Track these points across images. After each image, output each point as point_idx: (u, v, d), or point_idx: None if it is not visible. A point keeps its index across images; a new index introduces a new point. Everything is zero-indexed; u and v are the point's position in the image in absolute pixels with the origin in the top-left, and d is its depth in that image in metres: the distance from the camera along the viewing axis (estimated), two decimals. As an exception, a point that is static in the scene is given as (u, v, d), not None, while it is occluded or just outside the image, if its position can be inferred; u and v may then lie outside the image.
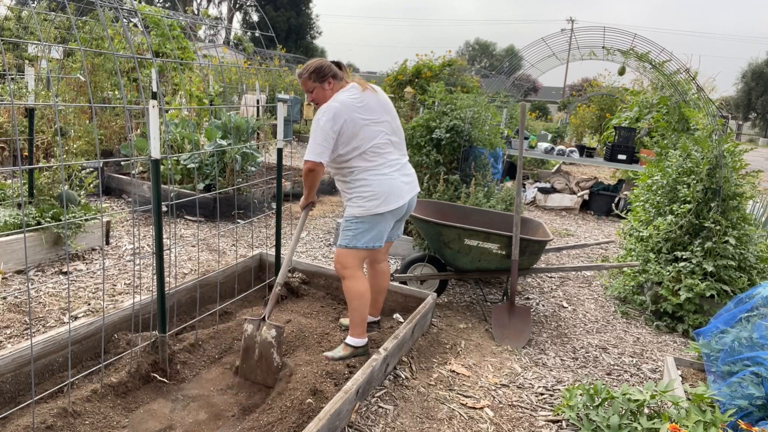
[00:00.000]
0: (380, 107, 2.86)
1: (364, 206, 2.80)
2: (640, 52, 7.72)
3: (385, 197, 2.80)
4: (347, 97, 2.78)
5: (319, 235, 5.63)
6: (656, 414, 2.30)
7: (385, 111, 2.89)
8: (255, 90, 10.43)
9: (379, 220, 2.83)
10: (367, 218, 2.81)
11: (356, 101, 2.77)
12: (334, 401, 2.24)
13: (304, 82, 2.90)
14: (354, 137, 2.75)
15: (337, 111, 2.70)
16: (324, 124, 2.69)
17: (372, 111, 2.81)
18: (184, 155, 5.07)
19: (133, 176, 6.35)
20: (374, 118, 2.81)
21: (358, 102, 2.77)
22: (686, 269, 3.96)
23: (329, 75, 2.84)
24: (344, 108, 2.72)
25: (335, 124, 2.69)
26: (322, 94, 2.86)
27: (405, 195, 2.88)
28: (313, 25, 48.18)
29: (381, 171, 2.81)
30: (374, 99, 2.85)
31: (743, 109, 46.86)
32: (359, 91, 2.82)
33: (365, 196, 2.80)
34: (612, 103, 12.77)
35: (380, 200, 2.79)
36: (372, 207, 2.79)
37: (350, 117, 2.72)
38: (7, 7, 10.13)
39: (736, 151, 4.27)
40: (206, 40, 28.54)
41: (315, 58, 3.52)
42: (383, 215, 2.82)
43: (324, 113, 2.71)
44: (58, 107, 6.12)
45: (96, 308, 3.40)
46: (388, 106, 2.93)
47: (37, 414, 2.15)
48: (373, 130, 2.79)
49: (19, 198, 4.40)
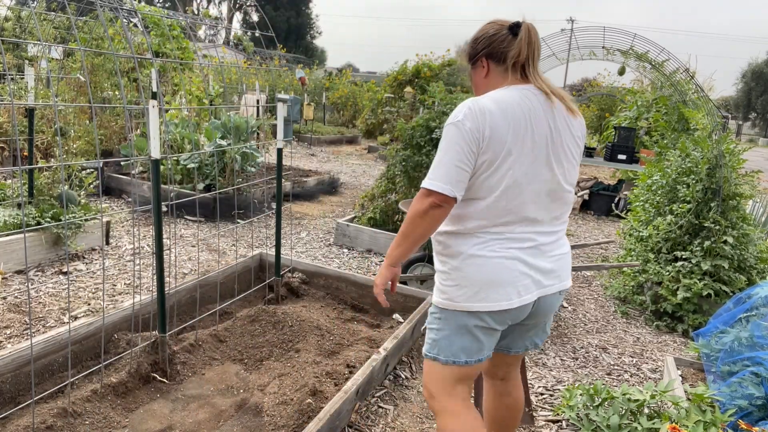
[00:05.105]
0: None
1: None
2: (639, 52, 7.72)
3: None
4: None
5: (319, 235, 5.63)
6: (656, 414, 2.30)
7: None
8: (255, 90, 10.43)
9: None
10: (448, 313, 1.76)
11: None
12: (334, 401, 2.24)
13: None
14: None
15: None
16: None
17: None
18: (184, 155, 5.07)
19: (133, 176, 6.35)
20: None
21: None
22: (686, 269, 3.96)
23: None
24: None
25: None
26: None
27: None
28: (313, 25, 48.16)
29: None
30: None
31: (743, 109, 46.85)
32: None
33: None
34: (612, 103, 12.77)
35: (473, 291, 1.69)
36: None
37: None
38: (7, 7, 10.13)
39: (736, 151, 4.28)
40: (206, 40, 28.54)
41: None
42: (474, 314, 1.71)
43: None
44: (58, 107, 6.12)
45: (96, 308, 3.40)
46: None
47: (37, 414, 2.15)
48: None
49: (19, 198, 4.40)
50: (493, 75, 1.74)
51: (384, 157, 10.09)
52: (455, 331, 1.73)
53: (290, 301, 3.62)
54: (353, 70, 33.49)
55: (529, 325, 1.84)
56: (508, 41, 1.68)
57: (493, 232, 1.67)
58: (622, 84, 11.19)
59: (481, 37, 1.74)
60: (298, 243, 5.32)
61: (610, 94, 13.32)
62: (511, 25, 1.69)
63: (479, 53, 1.74)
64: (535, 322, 1.84)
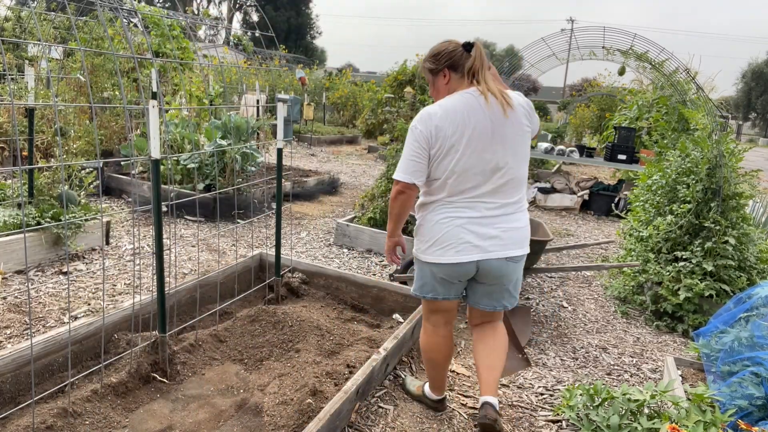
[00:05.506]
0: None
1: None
2: (639, 52, 7.72)
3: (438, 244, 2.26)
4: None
5: (319, 235, 5.63)
6: (656, 414, 2.30)
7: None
8: (255, 90, 10.43)
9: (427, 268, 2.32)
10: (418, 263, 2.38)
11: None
12: (334, 401, 2.24)
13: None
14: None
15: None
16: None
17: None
18: (184, 155, 5.07)
19: (133, 176, 6.35)
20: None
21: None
22: (686, 269, 3.96)
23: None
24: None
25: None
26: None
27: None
28: (313, 25, 48.17)
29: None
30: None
31: (743, 109, 46.85)
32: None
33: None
34: (612, 103, 12.77)
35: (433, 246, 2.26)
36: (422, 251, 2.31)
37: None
38: (7, 7, 10.13)
39: (736, 151, 4.28)
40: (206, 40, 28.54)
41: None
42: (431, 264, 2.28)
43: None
44: (58, 107, 6.12)
45: (96, 308, 3.40)
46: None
47: (37, 414, 2.15)
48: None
49: (19, 198, 4.40)
50: (452, 81, 2.25)
51: (384, 157, 10.08)
52: (422, 275, 2.34)
53: (290, 301, 3.62)
54: (353, 70, 33.50)
55: (486, 284, 2.31)
56: (464, 56, 2.20)
57: (446, 202, 2.20)
58: (622, 84, 11.19)
59: (443, 52, 2.23)
60: (298, 243, 5.32)
61: (610, 94, 13.32)
62: (465, 44, 2.22)
63: (443, 65, 2.24)
64: (493, 283, 2.29)
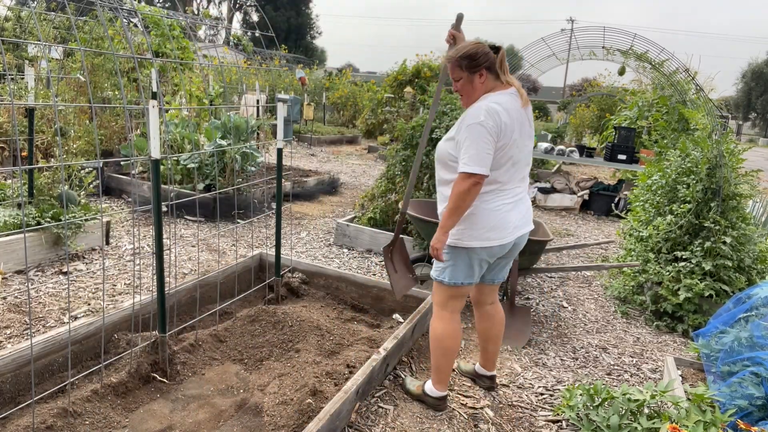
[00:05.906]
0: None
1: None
2: (639, 52, 7.72)
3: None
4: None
5: (319, 235, 5.63)
6: (656, 414, 2.30)
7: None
8: (255, 90, 10.43)
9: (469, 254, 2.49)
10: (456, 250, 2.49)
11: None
12: (334, 401, 2.24)
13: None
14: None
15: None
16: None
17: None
18: (184, 155, 5.07)
19: (133, 176, 6.35)
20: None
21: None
22: (686, 269, 3.96)
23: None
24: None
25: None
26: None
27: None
28: (313, 25, 48.16)
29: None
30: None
31: (743, 109, 46.84)
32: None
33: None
34: (612, 103, 12.78)
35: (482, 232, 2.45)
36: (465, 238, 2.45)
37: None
38: (7, 7, 10.13)
39: (736, 151, 4.28)
40: (206, 40, 28.54)
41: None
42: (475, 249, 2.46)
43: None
44: (58, 107, 6.12)
45: (96, 308, 3.41)
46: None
47: (37, 414, 2.15)
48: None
49: (19, 198, 4.40)
50: (487, 80, 2.45)
51: (384, 157, 10.09)
52: (459, 261, 2.46)
53: (290, 301, 3.62)
54: (353, 70, 33.50)
55: (505, 258, 2.61)
56: (494, 57, 2.42)
57: (499, 191, 2.42)
58: (622, 84, 11.20)
59: (481, 53, 2.41)
60: (298, 243, 5.32)
61: (610, 94, 13.33)
62: (492, 46, 2.46)
63: (481, 65, 2.41)
64: (509, 256, 2.60)
